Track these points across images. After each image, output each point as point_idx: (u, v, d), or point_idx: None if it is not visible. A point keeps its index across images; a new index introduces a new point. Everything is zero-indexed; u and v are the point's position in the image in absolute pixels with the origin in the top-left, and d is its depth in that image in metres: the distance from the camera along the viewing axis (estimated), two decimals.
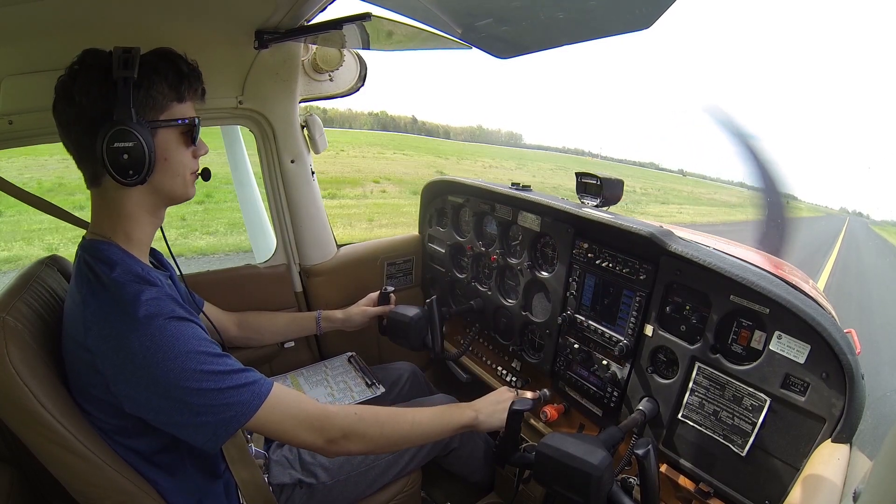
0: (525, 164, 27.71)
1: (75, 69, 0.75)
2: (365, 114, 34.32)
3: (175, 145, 0.82)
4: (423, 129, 38.69)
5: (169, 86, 0.79)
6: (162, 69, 0.78)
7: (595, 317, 1.21)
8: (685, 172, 36.91)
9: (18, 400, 0.72)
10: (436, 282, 1.80)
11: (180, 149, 0.83)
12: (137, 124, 0.74)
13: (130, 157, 0.73)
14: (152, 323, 0.73)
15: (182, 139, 0.83)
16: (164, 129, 0.80)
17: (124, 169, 0.74)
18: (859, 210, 18.97)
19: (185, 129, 0.83)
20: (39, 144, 1.12)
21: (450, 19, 0.84)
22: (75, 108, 0.74)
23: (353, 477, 1.13)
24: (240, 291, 1.47)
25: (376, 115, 34.53)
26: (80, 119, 0.75)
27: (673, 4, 0.61)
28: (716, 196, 26.14)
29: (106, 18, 0.92)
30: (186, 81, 0.82)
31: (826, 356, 0.80)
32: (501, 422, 1.01)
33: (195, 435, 0.76)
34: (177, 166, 0.83)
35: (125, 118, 0.73)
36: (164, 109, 0.80)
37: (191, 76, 0.82)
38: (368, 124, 32.03)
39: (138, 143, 0.73)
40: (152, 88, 0.77)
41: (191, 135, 0.84)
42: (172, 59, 0.80)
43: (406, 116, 40.91)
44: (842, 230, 24.02)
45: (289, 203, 1.51)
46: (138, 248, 0.84)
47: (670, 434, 1.06)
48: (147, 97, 0.77)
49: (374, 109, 42.23)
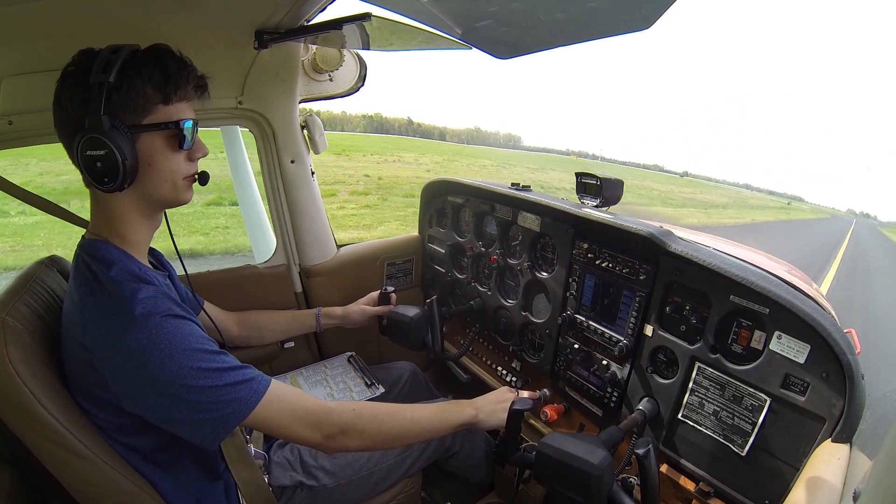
0: (510, 165, 27.05)
1: (68, 71, 0.74)
2: (359, 116, 34.14)
3: (160, 150, 0.78)
4: (419, 131, 38.55)
5: (153, 87, 0.75)
6: (146, 71, 0.74)
7: (595, 317, 1.21)
8: (688, 174, 36.56)
9: (18, 400, 0.72)
10: (436, 282, 1.80)
11: (166, 153, 0.79)
12: (112, 131, 0.71)
13: (104, 165, 0.72)
14: (149, 321, 0.73)
15: (168, 143, 0.79)
16: (147, 134, 0.76)
17: (100, 176, 0.73)
18: (867, 211, 18.61)
19: (171, 132, 0.79)
20: (39, 145, 1.12)
21: (450, 20, 0.84)
22: (62, 111, 0.74)
23: (355, 480, 1.13)
24: (240, 291, 1.47)
25: (370, 118, 34.32)
26: (65, 123, 0.75)
27: (673, 4, 0.61)
28: (698, 196, 25.16)
29: (106, 18, 0.92)
30: (173, 82, 0.77)
31: (826, 356, 0.80)
32: (501, 421, 1.01)
33: (193, 432, 0.76)
34: (163, 172, 0.80)
35: (96, 125, 0.71)
36: (147, 112, 0.76)
37: (179, 76, 0.77)
38: (361, 126, 31.88)
39: (110, 151, 0.71)
40: (132, 91, 0.73)
41: (178, 138, 0.79)
42: (161, 59, 0.76)
43: (401, 118, 40.75)
44: (847, 233, 23.57)
45: (289, 203, 1.51)
46: (135, 248, 0.84)
47: (670, 434, 1.06)
48: (126, 100, 0.73)
49: (369, 111, 42.02)
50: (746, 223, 18.88)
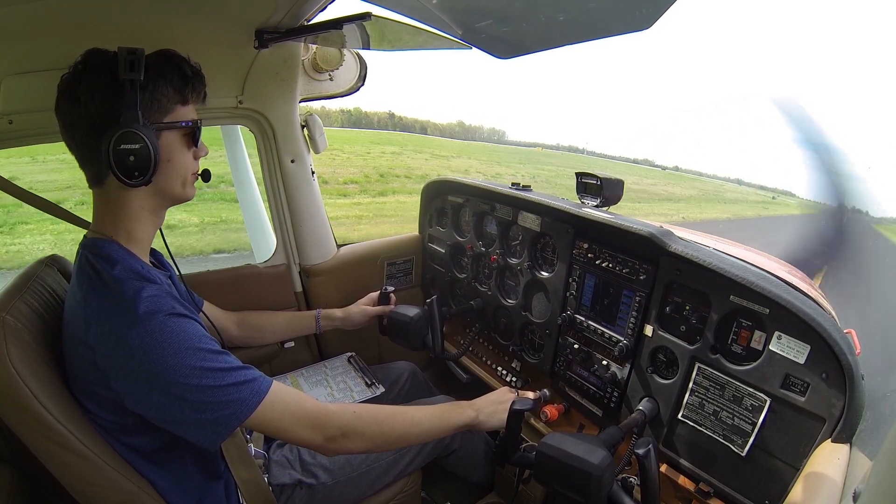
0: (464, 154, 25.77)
1: (80, 69, 0.75)
2: (337, 111, 33.75)
3: (178, 147, 0.84)
4: (400, 125, 38.10)
5: (174, 88, 0.81)
6: (167, 72, 0.79)
7: (595, 317, 1.21)
8: (679, 169, 35.89)
9: (18, 399, 0.72)
10: (436, 282, 1.80)
11: (182, 150, 0.85)
12: (143, 126, 0.75)
13: (136, 159, 0.74)
14: (152, 319, 0.73)
15: (184, 141, 0.85)
16: (168, 132, 0.81)
17: (130, 171, 0.75)
18: (859, 207, 18.58)
19: (187, 131, 0.84)
20: (39, 144, 1.12)
21: (450, 19, 0.84)
22: (80, 108, 0.75)
23: (353, 478, 1.13)
24: (240, 291, 1.47)
25: (349, 112, 33.89)
26: (84, 120, 0.75)
27: (673, 4, 0.62)
28: (653, 188, 23.27)
29: (105, 18, 0.92)
30: (190, 85, 0.83)
31: (826, 356, 0.80)
32: (502, 422, 1.01)
33: (195, 432, 0.76)
34: (178, 168, 0.84)
35: (132, 120, 0.74)
36: (168, 112, 0.81)
37: (195, 79, 0.84)
38: (339, 122, 31.51)
39: (144, 145, 0.74)
40: (157, 91, 0.78)
41: (193, 137, 0.86)
42: (177, 63, 0.82)
43: (382, 112, 40.07)
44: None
45: (289, 203, 1.51)
46: (139, 246, 0.85)
47: (670, 434, 1.06)
48: (152, 99, 0.78)
49: (347, 106, 41.26)
50: (704, 220, 16.62)
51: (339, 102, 1.94)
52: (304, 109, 1.49)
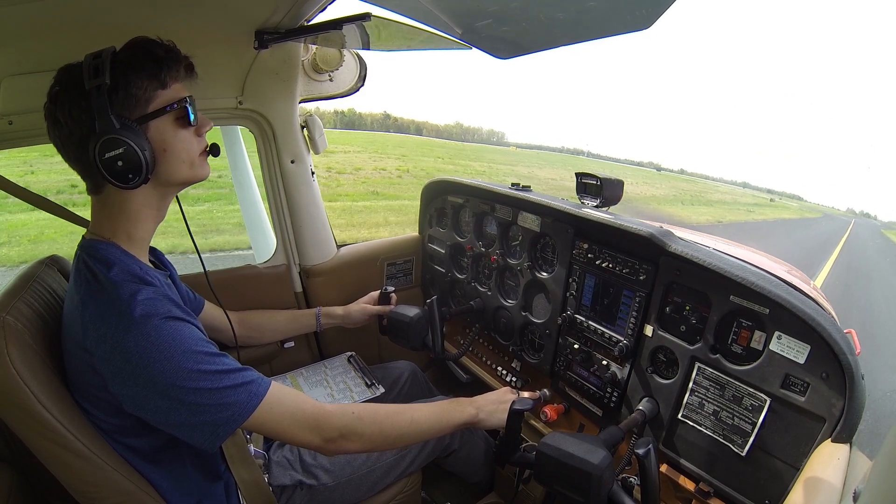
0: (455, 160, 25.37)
1: (55, 91, 0.74)
2: (330, 112, 33.69)
3: (171, 132, 0.80)
4: (395, 126, 38.13)
5: (148, 76, 0.76)
6: (136, 63, 0.75)
7: (595, 317, 1.21)
8: (685, 171, 35.76)
9: (18, 400, 0.72)
10: (436, 282, 1.80)
11: (179, 133, 0.81)
12: (123, 129, 0.73)
13: (125, 163, 0.73)
14: (148, 323, 0.72)
15: (177, 124, 0.81)
16: (156, 121, 0.78)
17: (123, 175, 0.74)
18: (867, 211, 18.02)
19: (177, 113, 0.80)
20: (39, 144, 1.12)
21: (450, 19, 0.84)
22: (62, 129, 0.74)
23: (354, 479, 1.13)
24: (240, 291, 1.47)
25: (342, 114, 33.85)
26: (70, 139, 0.75)
27: (673, 4, 0.62)
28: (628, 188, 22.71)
29: (105, 18, 0.92)
30: (165, 66, 0.78)
31: (826, 356, 0.80)
32: (501, 421, 1.01)
33: (193, 434, 0.76)
34: (179, 153, 0.81)
35: (108, 127, 0.72)
36: (149, 101, 0.77)
37: (168, 59, 0.78)
38: (332, 123, 31.43)
39: (129, 147, 0.72)
40: (130, 86, 0.75)
41: (185, 116, 0.81)
42: (146, 49, 0.77)
43: (376, 113, 40.06)
44: (844, 234, 22.44)
45: (289, 203, 1.51)
46: (139, 246, 0.84)
47: (670, 434, 1.06)
48: (127, 96, 0.75)
49: (341, 107, 41.29)
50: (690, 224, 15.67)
51: (333, 103, 1.93)
52: (303, 110, 1.50)
